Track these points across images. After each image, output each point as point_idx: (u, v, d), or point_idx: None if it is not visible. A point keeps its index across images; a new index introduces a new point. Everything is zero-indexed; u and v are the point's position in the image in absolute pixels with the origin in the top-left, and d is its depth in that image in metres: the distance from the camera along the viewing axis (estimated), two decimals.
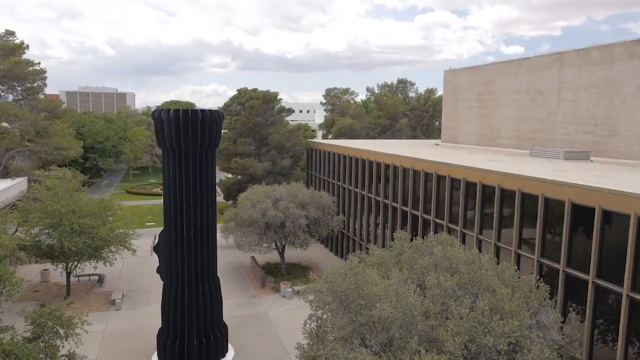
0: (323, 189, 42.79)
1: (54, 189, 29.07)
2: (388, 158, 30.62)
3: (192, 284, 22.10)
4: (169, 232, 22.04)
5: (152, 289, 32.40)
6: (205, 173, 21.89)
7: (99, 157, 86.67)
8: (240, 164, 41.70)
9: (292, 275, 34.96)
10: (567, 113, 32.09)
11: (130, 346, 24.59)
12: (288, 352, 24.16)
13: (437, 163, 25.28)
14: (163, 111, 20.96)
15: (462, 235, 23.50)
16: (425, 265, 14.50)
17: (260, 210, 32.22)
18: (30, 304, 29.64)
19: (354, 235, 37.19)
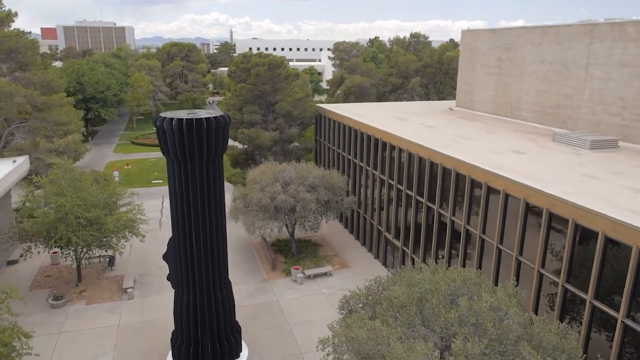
0: (332, 160, 41.60)
1: (57, 181, 28.12)
2: (404, 143, 29.18)
3: (204, 292, 21.74)
4: (177, 241, 21.35)
5: (163, 273, 32.23)
6: (213, 181, 20.81)
7: (101, 107, 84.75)
8: (247, 134, 40.28)
9: (302, 254, 34.74)
10: (594, 91, 30.08)
11: (145, 344, 24.76)
12: (302, 352, 24.29)
13: (458, 160, 23.94)
14: (166, 120, 19.51)
15: (482, 241, 22.73)
16: (450, 320, 13.82)
17: (270, 194, 31.36)
18: (43, 291, 29.84)
19: (364, 212, 36.51)
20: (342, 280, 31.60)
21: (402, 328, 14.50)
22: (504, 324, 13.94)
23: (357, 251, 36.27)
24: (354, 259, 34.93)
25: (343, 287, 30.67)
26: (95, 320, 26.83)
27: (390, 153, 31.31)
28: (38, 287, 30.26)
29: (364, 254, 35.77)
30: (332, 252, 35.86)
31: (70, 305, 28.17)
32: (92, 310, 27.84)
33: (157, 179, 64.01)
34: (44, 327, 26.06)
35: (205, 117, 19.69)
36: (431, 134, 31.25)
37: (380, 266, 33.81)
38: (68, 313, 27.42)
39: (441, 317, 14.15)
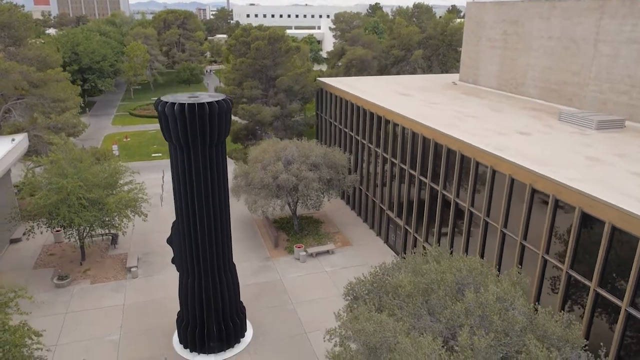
0: (333, 136, 41.22)
1: (58, 162, 27.82)
2: (408, 122, 28.80)
3: (209, 275, 21.86)
4: (181, 225, 21.30)
5: (166, 252, 32.42)
6: (217, 165, 20.60)
7: (98, 78, 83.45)
8: (247, 110, 39.74)
9: (304, 232, 34.84)
10: (602, 69, 29.52)
11: (151, 324, 25.06)
12: (306, 331, 24.63)
13: (463, 142, 23.66)
14: (167, 105, 19.12)
15: (485, 224, 22.71)
16: (456, 312, 13.89)
17: (272, 173, 31.17)
18: (47, 270, 30.02)
19: (366, 190, 36.42)
20: (344, 258, 31.81)
21: (408, 319, 14.60)
22: (510, 315, 14.03)
23: (359, 228, 36.38)
24: (356, 236, 35.06)
25: (346, 265, 30.95)
26: (101, 299, 27.10)
27: (393, 131, 30.97)
28: (42, 266, 30.42)
29: (365, 232, 35.89)
30: (334, 230, 35.97)
31: (75, 285, 28.39)
32: (97, 289, 28.07)
33: (156, 152, 63.57)
34: (50, 306, 26.33)
35: (207, 101, 19.30)
36: (435, 111, 30.82)
37: (382, 244, 33.97)
38: (73, 292, 27.66)
39: (447, 308, 14.23)
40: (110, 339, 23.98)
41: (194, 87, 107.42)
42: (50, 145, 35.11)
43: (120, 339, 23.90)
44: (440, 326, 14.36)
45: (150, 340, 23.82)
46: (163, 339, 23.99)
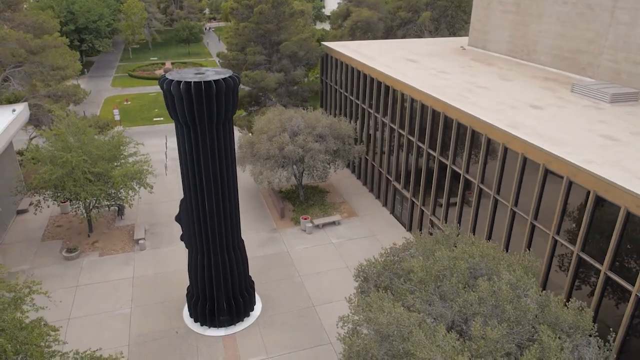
0: (338, 103, 40.49)
1: (61, 135, 27.40)
2: (417, 93, 28.14)
3: (218, 253, 21.93)
4: (189, 204, 21.18)
5: (172, 223, 32.49)
6: (224, 143, 20.24)
7: (95, 38, 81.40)
8: (251, 77, 38.84)
9: (310, 202, 34.80)
10: (619, 37, 28.52)
11: (161, 297, 25.40)
12: (314, 305, 24.98)
13: (475, 118, 23.17)
14: (173, 83, 18.56)
15: (495, 202, 22.57)
16: (469, 301, 13.94)
17: (278, 145, 30.79)
18: (55, 242, 30.20)
19: (372, 159, 36.10)
20: (350, 230, 31.90)
21: (420, 305, 14.67)
22: (522, 303, 14.08)
23: (364, 199, 36.32)
24: (362, 207, 35.05)
25: (352, 237, 31.08)
26: (110, 272, 27.37)
27: (401, 101, 30.33)
28: (50, 238, 30.57)
29: (371, 202, 35.85)
30: (340, 200, 35.92)
31: (84, 257, 28.61)
32: (105, 262, 28.31)
33: (158, 116, 62.87)
34: (61, 279, 26.63)
35: (213, 79, 18.72)
36: (444, 81, 30.06)
37: (388, 214, 33.99)
38: (82, 265, 27.91)
39: (460, 297, 14.27)
40: (122, 312, 24.36)
41: (193, 46, 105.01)
42: (51, 114, 34.65)
43: (132, 313, 24.28)
44: (453, 312, 14.44)
45: (161, 314, 24.21)
46: (173, 312, 24.37)
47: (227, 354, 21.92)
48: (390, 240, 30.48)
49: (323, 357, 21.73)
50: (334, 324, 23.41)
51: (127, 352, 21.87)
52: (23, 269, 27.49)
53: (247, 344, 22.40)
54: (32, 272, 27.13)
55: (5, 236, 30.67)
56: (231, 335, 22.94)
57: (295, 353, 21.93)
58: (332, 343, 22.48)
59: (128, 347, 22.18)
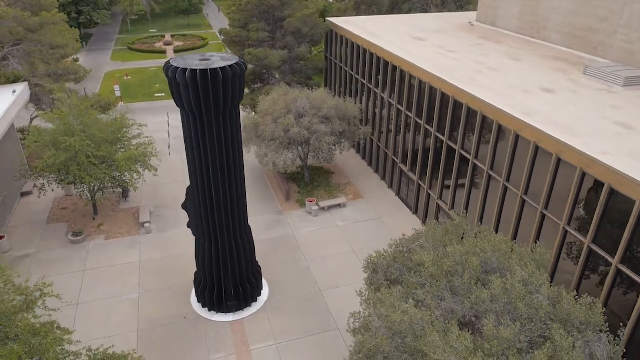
0: (343, 81, 39.78)
1: (63, 118, 26.96)
2: (425, 75, 27.52)
3: (225, 240, 21.86)
4: (196, 192, 20.97)
5: (178, 204, 32.37)
6: (231, 131, 19.87)
7: (93, 10, 79.63)
8: (254, 54, 38.02)
9: (315, 183, 34.59)
10: (634, 16, 27.69)
11: (168, 282, 25.48)
12: (320, 289, 25.08)
13: (486, 103, 22.69)
14: (178, 71, 18.05)
15: (505, 189, 22.33)
16: (481, 298, 13.87)
17: (283, 127, 30.37)
18: (61, 225, 30.17)
19: (378, 140, 35.68)
20: (356, 212, 31.80)
21: (431, 300, 14.62)
22: (534, 300, 14.03)
23: (370, 180, 36.09)
24: (368, 188, 34.85)
25: (358, 220, 31.00)
26: (117, 256, 27.40)
27: (409, 82, 29.71)
28: (55, 220, 30.52)
29: (377, 183, 35.63)
30: (345, 181, 35.69)
31: (90, 241, 28.62)
32: (112, 245, 28.32)
33: (159, 92, 62.08)
34: (68, 264, 26.69)
35: (220, 66, 18.21)
36: (453, 62, 29.38)
37: (393, 196, 33.81)
38: (89, 249, 27.94)
39: (472, 294, 14.20)
40: (130, 297, 24.49)
41: (193, 17, 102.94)
42: (52, 94, 34.11)
43: (140, 298, 24.41)
44: (465, 308, 14.40)
45: (169, 299, 24.34)
46: (181, 298, 24.50)
47: (236, 339, 22.12)
48: (396, 224, 30.47)
49: (331, 343, 21.92)
50: (340, 309, 23.70)
51: (137, 337, 22.07)
52: (29, 253, 27.55)
53: (255, 330, 22.58)
54: (38, 256, 27.20)
55: (11, 219, 30.62)
56: (239, 321, 23.11)
57: (303, 339, 22.12)
58: (340, 329, 22.64)
59: (137, 332, 22.37)
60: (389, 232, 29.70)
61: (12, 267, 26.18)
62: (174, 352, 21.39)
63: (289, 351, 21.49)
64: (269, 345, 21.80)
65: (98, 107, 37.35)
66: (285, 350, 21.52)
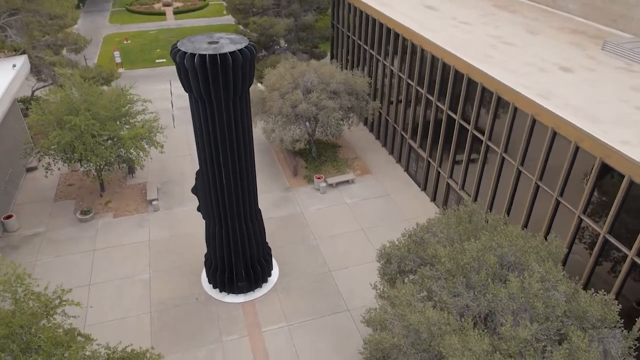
0: (351, 51, 38.67)
1: (67, 98, 26.32)
2: (439, 51, 26.59)
3: (235, 225, 21.75)
4: (206, 177, 20.68)
5: (184, 180, 32.30)
6: (241, 116, 19.39)
7: None
8: (259, 24, 36.82)
9: (322, 158, 34.21)
10: None
11: (178, 261, 25.58)
12: (330, 270, 25.20)
13: (501, 84, 22.01)
14: (186, 56, 17.38)
15: (518, 173, 22.00)
16: (499, 296, 13.83)
17: (290, 102, 29.71)
18: (68, 202, 30.08)
19: (386, 114, 35.00)
20: (365, 189, 31.58)
21: (447, 297, 14.61)
22: (551, 297, 14.00)
23: (378, 154, 35.67)
24: (376, 163, 34.49)
25: (366, 197, 30.83)
26: (126, 235, 27.42)
27: (420, 57, 28.78)
28: (63, 197, 30.39)
29: (385, 158, 35.23)
30: (352, 155, 35.29)
31: (98, 219, 28.58)
32: (120, 223, 28.30)
33: (160, 58, 60.72)
34: (77, 243, 26.75)
35: (229, 50, 17.52)
36: (467, 35, 28.38)
37: (402, 172, 33.49)
38: (98, 227, 27.93)
39: (489, 292, 14.15)
40: (141, 278, 24.65)
41: None
42: (53, 66, 33.30)
43: (151, 278, 24.58)
44: (480, 305, 14.41)
45: (180, 279, 24.50)
46: (192, 278, 24.66)
47: (248, 321, 22.40)
48: (405, 201, 30.32)
49: (341, 324, 22.20)
50: (350, 290, 23.91)
51: (149, 319, 22.36)
52: (39, 232, 27.56)
53: (266, 311, 22.83)
54: (47, 234, 27.24)
55: (18, 195, 30.50)
56: (250, 302, 23.34)
57: (314, 320, 22.39)
58: (350, 310, 22.90)
59: (150, 314, 22.63)
60: (397, 209, 29.60)
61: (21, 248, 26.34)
62: (187, 334, 21.70)
63: (300, 333, 21.80)
64: (280, 327, 22.09)
65: (100, 78, 36.59)
66: (296, 332, 21.83)
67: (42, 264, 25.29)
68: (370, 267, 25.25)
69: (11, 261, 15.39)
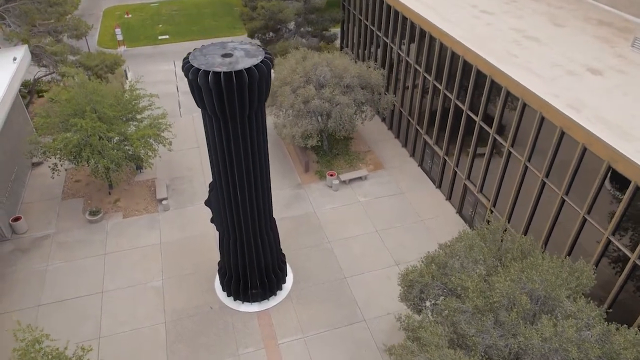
0: (362, 36, 37.11)
1: (71, 100, 25.30)
2: (460, 47, 25.31)
3: (251, 237, 21.22)
4: (220, 193, 19.99)
5: (193, 175, 31.65)
6: (256, 132, 18.51)
7: None
8: (267, 8, 35.20)
9: (334, 151, 33.36)
10: None
11: (190, 267, 25.19)
12: (345, 276, 24.82)
13: (529, 91, 20.94)
14: (200, 73, 16.34)
15: (542, 185, 21.21)
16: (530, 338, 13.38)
17: (302, 98, 28.63)
18: (76, 201, 29.55)
19: (400, 106, 33.86)
20: (378, 186, 30.87)
21: (476, 336, 14.18)
22: (584, 339, 13.56)
23: (390, 146, 34.75)
24: (388, 156, 33.62)
25: (380, 195, 30.17)
26: (137, 237, 26.96)
27: (439, 51, 27.45)
28: (70, 195, 29.81)
29: (398, 150, 34.33)
30: (365, 148, 34.39)
31: (107, 219, 28.07)
32: (130, 225, 27.81)
33: (163, 34, 58.93)
34: (88, 247, 26.34)
35: (245, 66, 16.47)
36: (488, 27, 26.98)
37: (416, 167, 32.68)
38: (107, 229, 27.46)
39: (520, 335, 13.69)
40: (153, 285, 24.35)
41: None
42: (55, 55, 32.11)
43: (164, 285, 24.27)
44: (510, 345, 14.00)
45: (194, 286, 24.19)
46: (205, 285, 24.34)
47: (264, 332, 22.19)
48: (419, 199, 29.66)
49: (358, 336, 21.99)
50: (366, 298, 23.62)
51: (165, 330, 22.16)
52: (48, 234, 27.14)
53: (281, 322, 22.58)
54: (57, 237, 26.82)
55: (25, 193, 29.92)
56: (265, 312, 23.08)
57: (330, 332, 22.17)
58: (366, 320, 22.65)
59: (164, 324, 22.42)
60: (412, 209, 28.98)
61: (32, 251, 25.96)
62: (203, 346, 21.55)
63: (316, 345, 21.61)
64: (296, 339, 21.89)
65: (103, 66, 35.37)
66: (313, 345, 21.64)
67: (53, 270, 24.98)
68: (385, 273, 24.95)
69: (28, 325, 14.82)
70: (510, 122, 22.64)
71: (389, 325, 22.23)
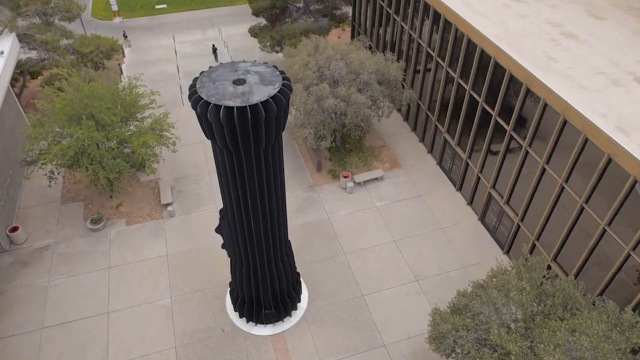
0: (378, 19, 34.31)
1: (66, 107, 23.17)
2: (492, 48, 22.93)
3: (265, 265, 19.79)
4: (232, 221, 18.36)
5: (199, 174, 29.97)
6: (272, 166, 16.67)
7: None
8: None
9: (347, 147, 31.46)
10: None
11: (199, 283, 23.94)
12: (363, 294, 23.63)
13: (571, 107, 18.91)
14: (210, 108, 14.33)
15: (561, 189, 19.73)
16: None
17: (316, 97, 26.48)
18: (77, 205, 28.03)
19: (418, 98, 31.61)
20: (394, 187, 29.19)
21: None
22: None
23: (407, 141, 32.78)
24: (405, 152, 31.73)
25: (397, 198, 28.57)
26: (141, 248, 25.59)
27: (466, 47, 25.06)
28: (70, 199, 28.21)
29: (415, 146, 32.40)
30: (379, 143, 32.44)
31: (110, 227, 26.61)
32: (134, 233, 26.36)
33: (160, 3, 55.55)
34: (91, 259, 25.01)
35: (261, 99, 14.44)
36: (521, 21, 24.48)
37: (434, 165, 30.85)
38: (111, 238, 26.05)
39: None
40: (162, 303, 23.19)
41: None
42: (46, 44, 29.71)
43: (172, 304, 23.10)
44: None
45: (204, 305, 23.03)
46: (216, 304, 23.18)
47: (279, 358, 21.20)
48: (439, 204, 28.10)
49: None
50: (385, 320, 22.53)
51: (175, 356, 21.16)
52: (48, 244, 25.77)
53: (297, 346, 21.57)
54: (58, 248, 25.46)
55: (22, 197, 28.31)
56: (280, 335, 22.02)
57: (349, 359, 21.17)
58: (386, 345, 21.63)
59: (175, 349, 21.41)
60: (431, 214, 27.46)
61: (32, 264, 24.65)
62: None
63: None
64: None
65: (98, 52, 32.90)
66: None
67: (56, 286, 23.75)
68: (404, 290, 23.79)
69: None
70: (547, 136, 20.69)
71: (409, 351, 21.24)
